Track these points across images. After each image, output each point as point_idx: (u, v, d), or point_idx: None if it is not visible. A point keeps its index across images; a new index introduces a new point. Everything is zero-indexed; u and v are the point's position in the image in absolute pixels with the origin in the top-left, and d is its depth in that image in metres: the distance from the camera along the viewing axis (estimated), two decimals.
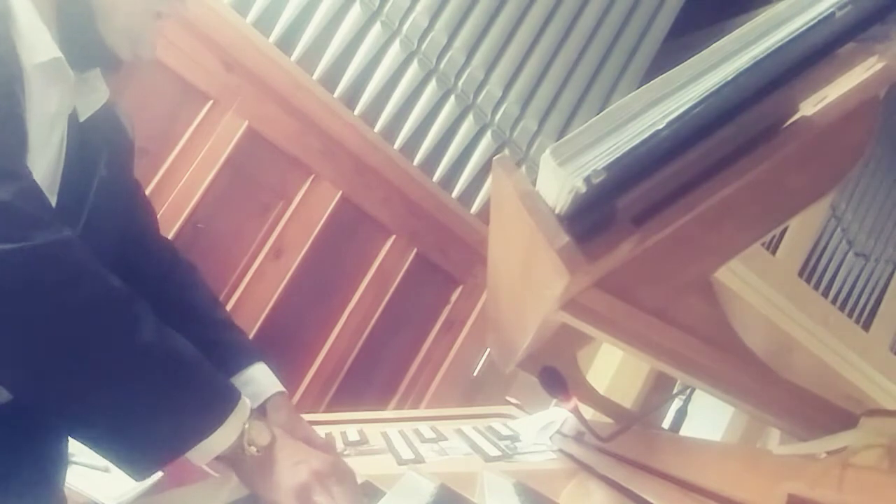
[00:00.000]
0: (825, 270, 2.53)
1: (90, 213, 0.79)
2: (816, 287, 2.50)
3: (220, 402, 0.66)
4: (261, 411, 0.88)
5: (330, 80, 1.79)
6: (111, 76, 0.87)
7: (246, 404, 0.68)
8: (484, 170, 1.99)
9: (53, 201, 0.74)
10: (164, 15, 0.82)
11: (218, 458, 0.65)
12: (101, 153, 0.83)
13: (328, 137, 1.80)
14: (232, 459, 0.66)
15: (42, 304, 0.57)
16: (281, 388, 0.92)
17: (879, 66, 0.62)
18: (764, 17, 0.53)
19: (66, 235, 0.60)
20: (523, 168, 2.03)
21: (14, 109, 0.65)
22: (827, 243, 2.54)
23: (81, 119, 0.81)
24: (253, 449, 0.66)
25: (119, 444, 0.62)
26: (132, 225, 0.92)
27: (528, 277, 0.65)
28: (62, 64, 0.73)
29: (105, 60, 0.81)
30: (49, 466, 0.81)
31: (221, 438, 0.65)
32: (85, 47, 0.77)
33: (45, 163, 0.73)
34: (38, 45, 0.70)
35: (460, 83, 1.93)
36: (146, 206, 1.01)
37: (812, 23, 0.50)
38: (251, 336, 1.75)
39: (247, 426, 0.66)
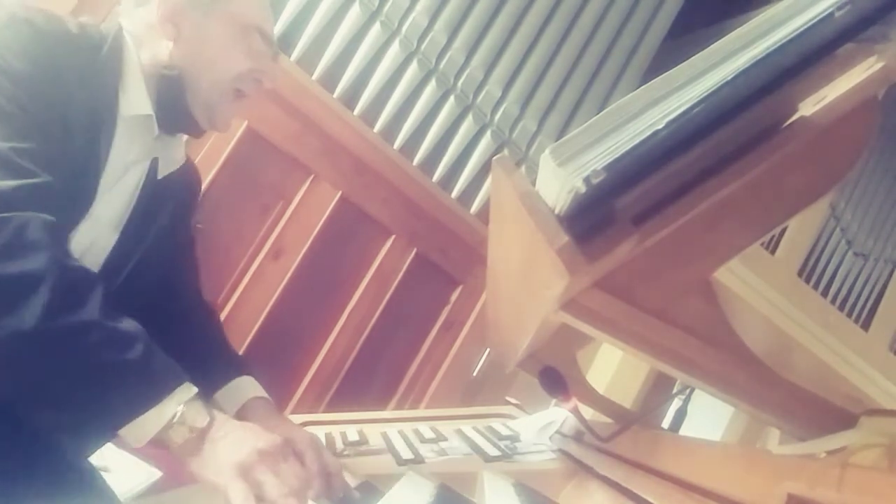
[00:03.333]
0: (825, 270, 2.53)
1: (144, 252, 0.91)
2: (816, 287, 2.49)
3: (159, 381, 0.67)
4: (240, 414, 0.93)
5: (330, 80, 1.79)
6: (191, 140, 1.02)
7: (189, 388, 0.69)
8: (484, 170, 1.98)
9: (115, 237, 0.87)
10: (243, 94, 0.95)
11: (155, 439, 0.66)
12: (167, 206, 0.95)
13: (328, 137, 1.80)
14: (169, 441, 0.66)
15: None
16: (262, 394, 0.96)
17: (879, 66, 0.62)
18: (764, 17, 0.53)
19: (27, 215, 0.65)
20: (523, 168, 2.03)
21: (92, 150, 0.78)
22: (826, 243, 2.54)
23: (159, 176, 0.93)
24: (185, 429, 0.66)
25: (56, 414, 0.65)
26: (174, 272, 1.03)
27: (528, 277, 0.65)
28: (151, 121, 0.88)
29: (189, 128, 0.95)
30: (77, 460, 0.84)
31: (155, 418, 0.65)
32: (175, 114, 0.91)
33: (116, 202, 0.86)
34: (137, 100, 0.86)
35: (460, 83, 1.93)
36: (192, 260, 1.14)
37: (811, 23, 0.50)
38: (251, 336, 1.76)
39: (182, 407, 0.67)
